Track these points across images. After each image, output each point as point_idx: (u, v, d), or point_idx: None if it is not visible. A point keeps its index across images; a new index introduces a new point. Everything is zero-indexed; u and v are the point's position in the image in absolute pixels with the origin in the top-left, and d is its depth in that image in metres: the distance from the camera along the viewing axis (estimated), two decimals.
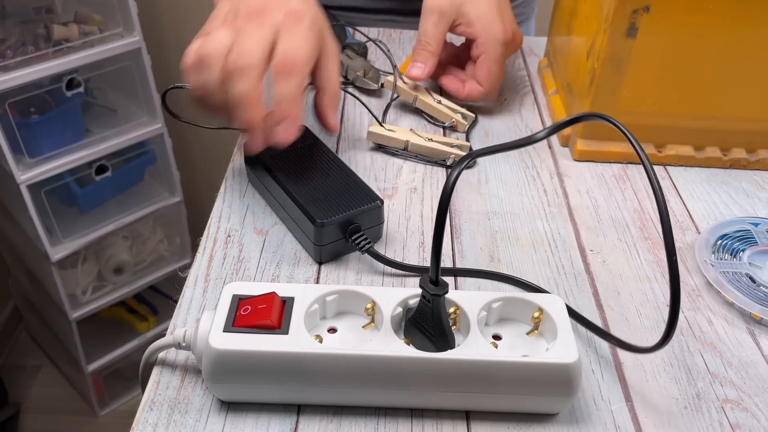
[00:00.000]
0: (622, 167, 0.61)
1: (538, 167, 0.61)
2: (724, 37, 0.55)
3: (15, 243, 1.38)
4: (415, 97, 0.65)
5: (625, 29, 0.55)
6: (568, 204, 0.56)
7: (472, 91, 0.65)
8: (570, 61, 0.66)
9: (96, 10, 1.18)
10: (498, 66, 0.64)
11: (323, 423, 0.38)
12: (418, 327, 0.39)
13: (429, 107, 0.64)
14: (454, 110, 0.64)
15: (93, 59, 1.14)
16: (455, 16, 0.64)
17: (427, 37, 0.64)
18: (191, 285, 0.47)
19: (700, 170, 0.61)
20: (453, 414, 0.39)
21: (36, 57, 1.09)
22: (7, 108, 1.08)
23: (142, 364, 0.41)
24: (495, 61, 0.63)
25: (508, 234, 0.53)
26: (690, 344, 0.44)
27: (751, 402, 0.41)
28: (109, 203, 1.32)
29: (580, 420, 0.39)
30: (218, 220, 0.52)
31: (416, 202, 0.55)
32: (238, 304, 0.39)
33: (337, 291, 0.40)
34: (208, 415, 0.38)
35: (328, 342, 0.40)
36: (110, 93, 1.31)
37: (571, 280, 0.49)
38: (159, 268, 1.45)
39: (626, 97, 0.59)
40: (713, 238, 0.51)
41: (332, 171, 0.51)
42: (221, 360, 0.36)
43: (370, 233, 0.49)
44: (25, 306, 1.60)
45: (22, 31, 1.11)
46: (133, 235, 1.40)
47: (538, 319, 0.40)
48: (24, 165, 1.13)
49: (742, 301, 0.46)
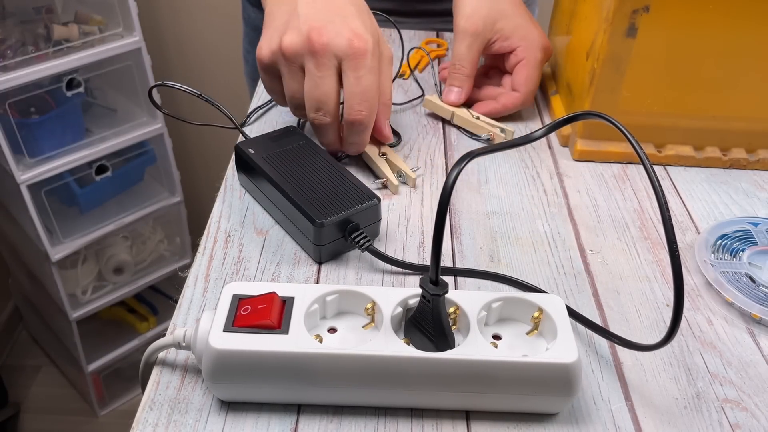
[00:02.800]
0: (621, 167, 0.61)
1: (538, 167, 0.61)
2: (723, 37, 0.55)
3: (15, 243, 1.38)
4: (452, 114, 0.65)
5: (625, 29, 0.55)
6: (568, 204, 0.56)
7: (508, 101, 0.65)
8: (570, 61, 0.66)
9: (96, 10, 1.18)
10: (536, 72, 0.65)
11: (323, 423, 0.38)
12: (418, 327, 0.39)
13: (467, 123, 0.64)
14: (492, 125, 0.64)
15: (93, 59, 1.14)
16: (490, 35, 0.64)
17: (462, 61, 0.64)
18: (191, 285, 0.47)
19: (699, 170, 0.61)
20: (453, 414, 0.39)
21: (36, 57, 1.09)
22: (7, 108, 1.08)
23: (142, 364, 0.41)
24: (534, 66, 0.64)
25: (508, 234, 0.53)
26: (690, 344, 0.44)
27: (751, 402, 0.41)
28: (109, 203, 1.32)
29: (580, 420, 0.39)
30: (218, 220, 0.52)
31: (416, 201, 0.55)
32: (238, 304, 0.39)
33: (337, 291, 0.41)
34: (208, 415, 0.38)
35: (328, 342, 0.40)
36: (110, 93, 1.31)
37: (570, 280, 0.49)
38: (159, 268, 1.45)
39: (626, 97, 0.59)
40: (713, 238, 0.51)
41: (326, 170, 0.51)
42: (221, 360, 0.36)
43: (368, 231, 0.49)
44: (25, 306, 1.60)
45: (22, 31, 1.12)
46: (133, 235, 1.40)
47: (537, 319, 0.40)
48: (24, 165, 1.13)
49: (742, 301, 0.46)
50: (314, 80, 0.51)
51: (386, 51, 0.54)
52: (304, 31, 0.50)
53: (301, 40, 0.50)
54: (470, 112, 0.65)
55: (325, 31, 0.50)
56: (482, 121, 0.64)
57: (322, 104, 0.52)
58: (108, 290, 1.37)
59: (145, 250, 1.43)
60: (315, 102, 0.52)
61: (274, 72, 0.54)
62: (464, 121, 0.64)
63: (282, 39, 0.51)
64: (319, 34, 0.50)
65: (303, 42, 0.50)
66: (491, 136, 0.63)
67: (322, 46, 0.50)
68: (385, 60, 0.54)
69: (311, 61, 0.50)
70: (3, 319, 1.63)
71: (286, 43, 0.51)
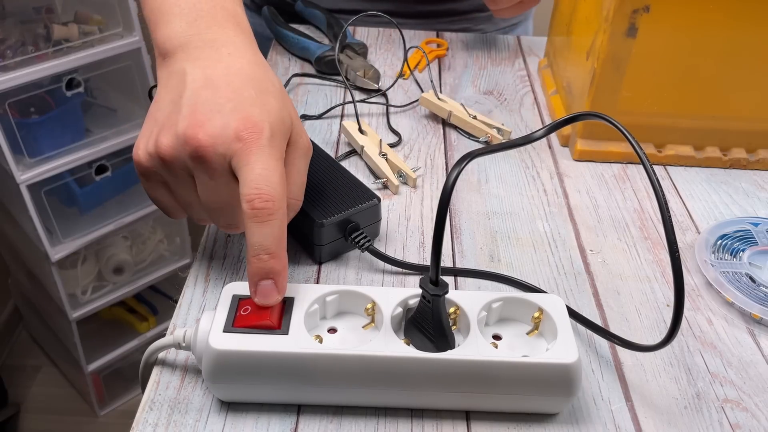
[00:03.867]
0: (622, 167, 0.61)
1: (538, 167, 0.61)
2: (723, 37, 0.55)
3: (15, 243, 1.38)
4: (449, 113, 0.65)
5: (625, 29, 0.55)
6: (568, 204, 0.56)
7: None
8: (570, 61, 0.66)
9: (96, 10, 1.18)
10: None
11: (323, 423, 0.38)
12: (418, 327, 0.39)
13: (464, 123, 0.64)
14: (489, 125, 0.64)
15: (93, 59, 1.14)
16: None
17: None
18: (191, 285, 0.47)
19: (699, 170, 0.61)
20: (453, 414, 0.39)
21: (36, 57, 1.09)
22: (7, 108, 1.08)
23: (142, 364, 0.41)
24: None
25: (508, 234, 0.53)
26: (690, 344, 0.44)
27: (751, 402, 0.41)
28: (109, 203, 1.32)
29: (580, 420, 0.39)
30: None
31: (416, 201, 0.55)
32: (238, 304, 0.39)
33: (337, 291, 0.40)
34: (208, 415, 0.38)
35: (328, 342, 0.40)
36: (110, 93, 1.31)
37: (571, 280, 0.49)
38: (159, 268, 1.45)
39: (626, 97, 0.59)
40: (713, 238, 0.51)
41: (326, 170, 0.51)
42: (221, 360, 0.36)
43: (368, 231, 0.49)
44: (25, 306, 1.60)
45: (22, 31, 1.11)
46: (133, 235, 1.40)
47: (538, 319, 0.40)
48: (24, 165, 1.13)
49: (742, 301, 0.46)
50: (208, 189, 0.40)
51: (302, 141, 0.43)
52: (180, 131, 0.39)
53: (179, 143, 0.39)
54: (467, 111, 0.65)
55: (208, 127, 0.39)
56: (479, 120, 0.64)
57: (228, 214, 0.42)
58: (108, 290, 1.37)
59: (145, 250, 1.43)
60: (218, 213, 0.42)
61: (157, 178, 0.42)
62: (461, 121, 0.64)
63: (158, 140, 0.40)
64: (197, 132, 0.38)
65: (181, 145, 0.39)
66: (489, 138, 0.63)
67: (205, 148, 0.38)
68: (299, 151, 0.43)
69: (197, 167, 0.39)
70: (3, 319, 1.63)
71: (162, 146, 0.40)
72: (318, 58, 0.72)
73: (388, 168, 0.57)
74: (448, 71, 0.75)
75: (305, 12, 0.83)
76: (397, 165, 0.57)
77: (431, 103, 0.65)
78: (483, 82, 0.73)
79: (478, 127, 0.63)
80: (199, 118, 0.39)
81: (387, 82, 0.71)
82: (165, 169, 0.41)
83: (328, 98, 0.69)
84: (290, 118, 0.42)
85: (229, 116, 0.39)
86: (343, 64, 0.70)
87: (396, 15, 0.85)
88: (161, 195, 0.43)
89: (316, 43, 0.74)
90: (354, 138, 0.60)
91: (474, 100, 0.70)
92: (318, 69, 0.72)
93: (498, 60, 0.78)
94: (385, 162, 0.57)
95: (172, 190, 0.43)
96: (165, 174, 0.41)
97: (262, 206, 0.38)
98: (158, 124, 0.41)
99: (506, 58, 0.78)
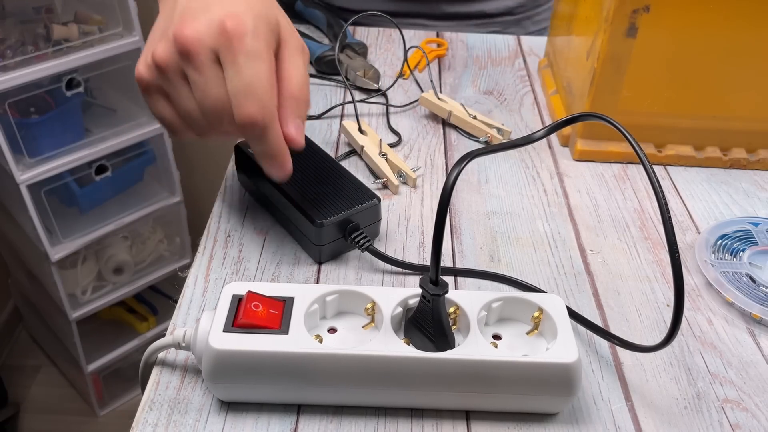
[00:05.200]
0: (622, 167, 0.61)
1: (538, 167, 0.61)
2: (723, 37, 0.55)
3: (15, 243, 1.38)
4: (449, 113, 0.65)
5: (625, 29, 0.55)
6: (568, 204, 0.56)
7: None
8: (570, 61, 0.66)
9: (96, 10, 1.18)
10: None
11: (323, 423, 0.38)
12: (418, 327, 0.39)
13: (464, 123, 0.64)
14: (489, 125, 0.64)
15: (93, 59, 1.14)
16: None
17: None
18: (191, 285, 0.47)
19: (700, 170, 0.61)
20: (453, 414, 0.39)
21: (36, 57, 1.09)
22: (7, 108, 1.08)
23: (142, 364, 0.41)
24: None
25: (508, 234, 0.53)
26: (690, 344, 0.44)
27: (751, 402, 0.41)
28: (109, 203, 1.32)
29: (580, 420, 0.39)
30: (218, 220, 0.52)
31: (416, 201, 0.55)
32: (237, 304, 0.39)
33: (336, 291, 0.40)
34: (208, 415, 0.38)
35: (328, 342, 0.40)
36: (110, 93, 1.31)
37: (571, 280, 0.49)
38: (159, 268, 1.45)
39: (626, 97, 0.59)
40: (713, 238, 0.51)
41: (326, 170, 0.51)
42: (221, 360, 0.36)
43: (368, 231, 0.49)
44: (25, 306, 1.60)
45: (22, 31, 1.11)
46: (133, 235, 1.40)
47: (538, 319, 0.40)
48: (24, 165, 1.13)
49: (742, 301, 0.46)
50: (200, 88, 0.41)
51: (294, 39, 0.44)
52: (170, 35, 0.41)
53: (169, 46, 0.41)
54: (467, 111, 0.64)
55: (195, 24, 0.40)
56: (479, 120, 0.64)
57: (222, 113, 0.42)
58: (108, 290, 1.37)
59: (145, 250, 1.43)
60: (213, 114, 0.42)
61: (158, 92, 0.44)
62: (461, 120, 0.64)
63: (154, 51, 0.42)
64: (184, 29, 0.40)
65: (172, 46, 0.41)
66: (489, 138, 0.63)
67: (192, 43, 0.40)
68: (291, 48, 0.44)
69: (188, 66, 0.41)
70: (3, 319, 1.63)
71: (157, 53, 0.41)
72: (318, 58, 0.72)
73: (388, 168, 0.57)
74: (448, 71, 0.75)
75: (305, 12, 0.83)
76: (397, 165, 0.57)
77: (431, 103, 0.65)
78: (483, 82, 0.73)
79: (478, 127, 0.63)
80: (187, 19, 0.41)
81: (387, 82, 0.71)
82: (162, 76, 0.42)
83: (328, 98, 0.69)
84: (276, 17, 0.43)
85: (214, 13, 0.41)
86: (343, 64, 0.70)
87: (397, 15, 0.85)
88: (162, 107, 0.45)
89: (316, 43, 0.74)
90: (354, 138, 0.60)
91: (474, 100, 0.70)
92: (318, 69, 0.72)
93: (498, 60, 0.78)
94: (385, 162, 0.57)
95: (172, 100, 0.44)
96: (163, 83, 0.43)
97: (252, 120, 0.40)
98: (154, 40, 0.43)
99: (506, 58, 0.78)
